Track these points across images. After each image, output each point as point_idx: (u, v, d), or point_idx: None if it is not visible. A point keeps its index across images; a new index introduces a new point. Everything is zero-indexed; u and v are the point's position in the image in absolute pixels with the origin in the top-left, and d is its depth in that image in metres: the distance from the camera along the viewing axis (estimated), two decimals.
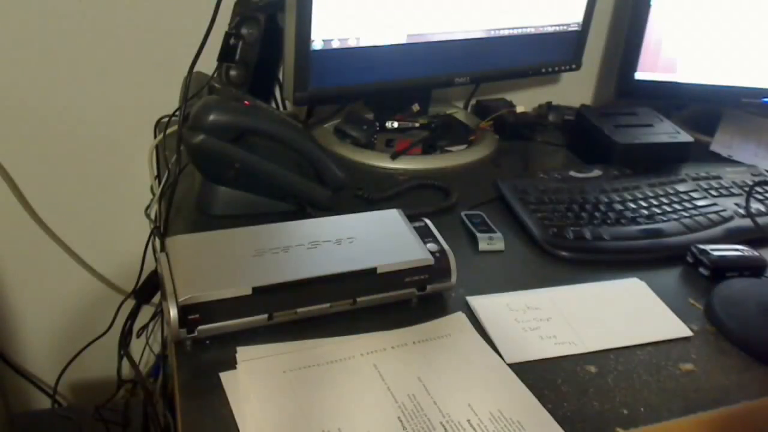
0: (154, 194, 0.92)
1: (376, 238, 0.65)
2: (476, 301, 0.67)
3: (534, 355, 0.61)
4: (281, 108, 1.05)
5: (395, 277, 0.63)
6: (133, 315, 0.92)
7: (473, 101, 1.18)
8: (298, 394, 0.54)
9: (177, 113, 0.81)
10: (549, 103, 1.17)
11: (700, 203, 0.87)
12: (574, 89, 1.25)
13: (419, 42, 0.93)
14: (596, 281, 0.73)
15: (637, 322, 0.67)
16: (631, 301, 0.71)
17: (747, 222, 0.83)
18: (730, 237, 0.81)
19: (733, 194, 0.90)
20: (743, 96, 1.09)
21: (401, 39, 0.92)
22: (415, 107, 1.05)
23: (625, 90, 1.11)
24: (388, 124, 1.02)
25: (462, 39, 0.96)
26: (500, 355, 0.60)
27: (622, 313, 0.68)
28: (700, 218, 0.83)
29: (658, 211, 0.84)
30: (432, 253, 0.64)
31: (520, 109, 1.11)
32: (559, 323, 0.65)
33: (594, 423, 0.54)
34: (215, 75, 0.90)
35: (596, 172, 0.93)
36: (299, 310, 0.60)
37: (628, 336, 0.64)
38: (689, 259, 0.77)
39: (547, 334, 0.63)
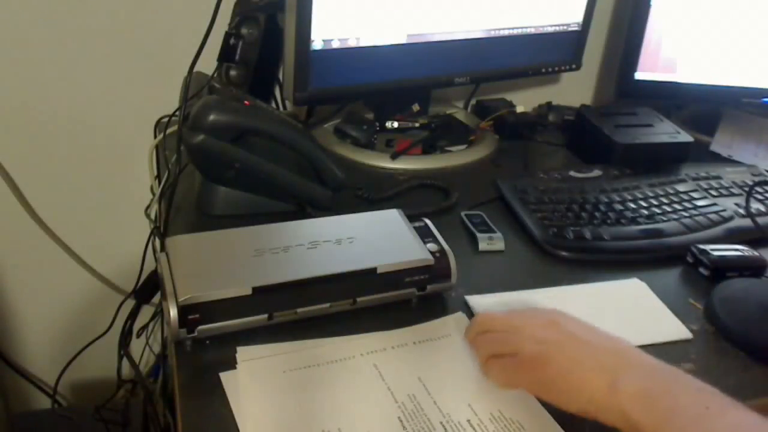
0: (154, 194, 0.92)
1: (376, 238, 0.65)
2: (476, 301, 0.67)
3: None
4: (281, 108, 1.05)
5: (395, 277, 0.63)
6: (133, 315, 0.93)
7: (473, 101, 1.18)
8: (298, 394, 0.54)
9: (177, 113, 0.81)
10: (549, 103, 1.17)
11: (700, 203, 0.87)
12: (574, 89, 1.24)
13: (419, 42, 0.93)
14: (596, 281, 0.73)
15: (637, 322, 0.67)
16: (631, 301, 0.70)
17: (747, 222, 0.83)
18: (730, 237, 0.81)
19: (733, 194, 0.90)
20: (743, 96, 1.09)
21: (401, 39, 0.92)
22: (415, 107, 1.04)
23: (625, 90, 1.11)
24: (388, 124, 1.02)
25: (462, 39, 0.96)
26: None
27: (622, 314, 0.68)
28: (700, 218, 0.83)
29: (658, 211, 0.84)
30: (432, 253, 0.64)
31: (520, 109, 1.11)
32: None
33: (594, 423, 0.54)
34: (215, 75, 0.90)
35: (596, 172, 0.93)
36: (299, 310, 0.60)
37: (628, 336, 0.64)
38: (689, 259, 0.77)
39: None
